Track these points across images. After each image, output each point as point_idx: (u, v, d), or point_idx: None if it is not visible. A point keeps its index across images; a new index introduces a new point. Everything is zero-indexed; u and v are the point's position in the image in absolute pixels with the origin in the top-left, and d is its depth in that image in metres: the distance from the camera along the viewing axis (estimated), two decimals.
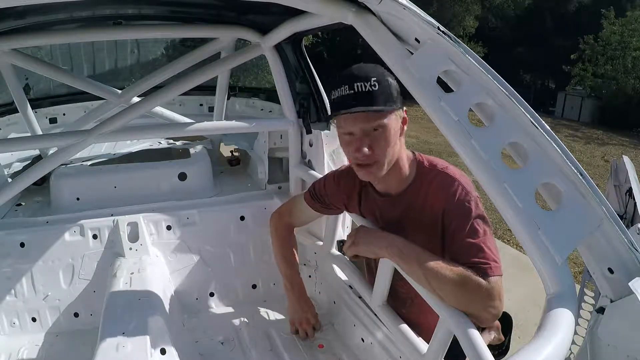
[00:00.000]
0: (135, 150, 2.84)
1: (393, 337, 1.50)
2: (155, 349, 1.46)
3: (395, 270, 1.40)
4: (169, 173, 2.45)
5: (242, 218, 2.30)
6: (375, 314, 1.60)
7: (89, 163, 2.57)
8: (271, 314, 2.10)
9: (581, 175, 1.06)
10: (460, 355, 1.13)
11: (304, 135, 2.31)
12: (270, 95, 3.34)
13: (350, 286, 1.84)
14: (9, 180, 2.35)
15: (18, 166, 2.60)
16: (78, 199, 2.29)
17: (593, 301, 1.25)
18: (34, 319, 1.97)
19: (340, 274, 1.92)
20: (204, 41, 2.51)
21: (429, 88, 1.12)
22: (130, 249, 2.08)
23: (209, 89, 2.97)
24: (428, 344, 1.30)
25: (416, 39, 1.17)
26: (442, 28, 1.09)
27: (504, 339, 1.53)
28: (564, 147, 1.08)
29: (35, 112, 2.64)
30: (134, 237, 2.10)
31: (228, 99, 2.85)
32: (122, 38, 3.28)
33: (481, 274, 1.18)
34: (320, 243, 2.08)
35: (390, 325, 1.49)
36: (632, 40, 19.06)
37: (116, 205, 2.22)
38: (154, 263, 2.05)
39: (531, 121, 1.07)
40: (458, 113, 1.09)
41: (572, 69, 20.17)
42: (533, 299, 3.75)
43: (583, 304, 1.29)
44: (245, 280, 2.26)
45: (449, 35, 1.09)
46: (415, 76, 1.13)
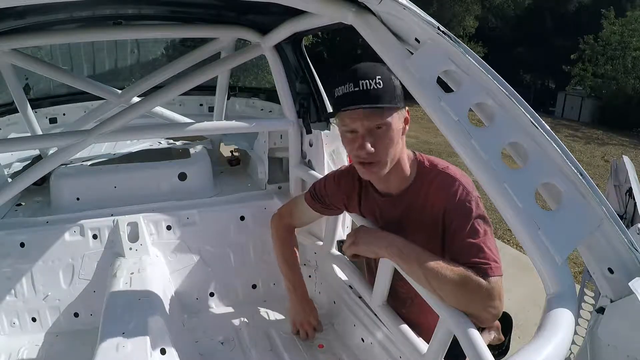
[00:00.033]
0: (135, 150, 2.84)
1: (393, 337, 1.50)
2: (155, 349, 1.46)
3: (395, 270, 1.40)
4: (169, 173, 2.45)
5: (242, 218, 2.30)
6: (375, 314, 1.60)
7: (89, 163, 2.57)
8: (271, 314, 2.10)
9: (581, 175, 1.06)
10: (460, 355, 1.13)
11: (304, 135, 2.31)
12: (270, 95, 3.34)
13: (350, 286, 1.84)
14: (9, 180, 2.35)
15: (18, 166, 2.60)
16: (78, 199, 2.29)
17: (593, 301, 1.25)
18: (34, 319, 1.97)
19: (340, 274, 1.92)
20: (204, 41, 2.51)
21: (429, 88, 1.12)
22: (130, 249, 2.08)
23: (209, 89, 2.97)
24: (428, 344, 1.30)
25: (416, 39, 1.17)
26: (442, 28, 1.09)
27: (504, 339, 1.53)
28: (564, 147, 1.08)
29: (35, 112, 2.64)
30: (134, 237, 2.10)
31: (228, 99, 2.85)
32: (122, 38, 3.28)
33: (481, 274, 1.18)
34: (320, 243, 2.08)
35: (390, 325, 1.49)
36: (632, 40, 19.05)
37: (116, 205, 2.22)
38: (154, 263, 2.05)
39: (531, 121, 1.07)
40: (458, 113, 1.09)
41: (572, 69, 20.16)
42: (533, 299, 3.75)
43: (583, 304, 1.29)
44: (245, 280, 2.26)
45: (449, 35, 1.09)
46: (415, 76, 1.13)
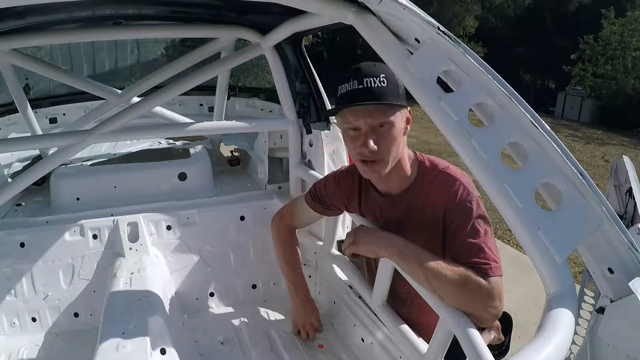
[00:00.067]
0: (135, 150, 2.84)
1: (393, 337, 1.50)
2: (155, 349, 1.46)
3: (396, 270, 1.40)
4: (169, 173, 2.45)
5: (242, 218, 2.30)
6: (375, 314, 1.59)
7: (89, 163, 2.57)
8: (271, 314, 2.10)
9: (581, 175, 1.06)
10: (460, 356, 1.13)
11: (304, 135, 2.31)
12: (270, 95, 3.34)
13: (350, 286, 1.84)
14: (9, 180, 2.35)
15: (18, 166, 2.60)
16: (78, 199, 2.29)
17: (593, 301, 1.25)
18: (34, 319, 1.97)
19: (340, 274, 1.92)
20: (204, 41, 2.51)
21: (429, 88, 1.12)
22: (130, 249, 2.08)
23: (209, 89, 2.97)
24: (428, 344, 1.30)
25: (416, 39, 1.17)
26: (442, 28, 1.09)
27: (504, 339, 1.53)
28: (564, 147, 1.08)
29: (35, 112, 2.64)
30: (134, 237, 2.10)
31: (228, 99, 2.85)
32: (122, 38, 3.28)
33: (481, 274, 1.18)
34: (320, 243, 2.08)
35: (390, 325, 1.49)
36: (632, 40, 19.04)
37: (116, 205, 2.22)
38: (154, 263, 2.05)
39: (531, 121, 1.07)
40: (458, 113, 1.09)
41: (572, 69, 20.15)
42: (533, 299, 3.75)
43: (583, 304, 1.29)
44: (245, 280, 2.26)
45: (449, 35, 1.09)
46: (415, 76, 1.13)
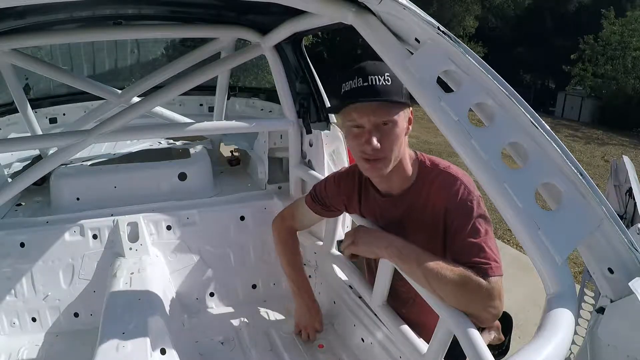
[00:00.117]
0: (135, 150, 2.84)
1: (393, 337, 1.50)
2: (155, 349, 1.46)
3: (396, 270, 1.40)
4: (169, 173, 2.45)
5: (242, 218, 2.30)
6: (375, 314, 1.59)
7: (89, 163, 2.57)
8: (271, 314, 2.10)
9: (581, 175, 1.06)
10: (460, 356, 1.13)
11: (304, 135, 2.31)
12: (270, 95, 3.34)
13: (350, 286, 1.84)
14: (9, 180, 2.35)
15: (18, 166, 2.60)
16: (78, 199, 2.29)
17: (593, 301, 1.24)
18: (34, 319, 1.97)
19: (340, 274, 1.92)
20: (204, 41, 2.51)
21: (429, 88, 1.12)
22: (130, 249, 2.08)
23: (209, 89, 2.96)
24: (428, 344, 1.30)
25: (416, 39, 1.17)
26: (442, 28, 1.09)
27: (504, 339, 1.53)
28: (564, 147, 1.08)
29: (35, 112, 2.64)
30: (134, 237, 2.10)
31: (228, 99, 2.85)
32: (122, 38, 3.28)
33: (482, 274, 1.18)
34: (320, 243, 2.08)
35: (390, 325, 1.49)
36: (632, 40, 19.05)
37: (116, 205, 2.22)
38: (154, 263, 2.05)
39: (531, 121, 1.07)
40: (458, 113, 1.09)
41: (572, 69, 20.16)
42: (533, 299, 3.75)
43: (583, 304, 1.29)
44: (245, 280, 2.26)
45: (449, 35, 1.09)
46: (415, 76, 1.13)
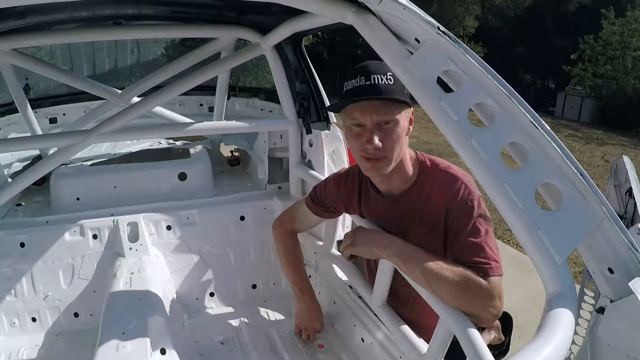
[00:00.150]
0: (135, 150, 2.84)
1: (393, 337, 1.50)
2: (155, 349, 1.46)
3: (396, 270, 1.40)
4: (169, 173, 2.45)
5: (242, 218, 2.30)
6: (375, 314, 1.59)
7: (89, 163, 2.57)
8: (271, 314, 2.10)
9: (581, 175, 1.06)
10: (460, 356, 1.13)
11: (304, 135, 2.31)
12: (270, 95, 3.34)
13: (350, 286, 1.84)
14: (9, 180, 2.35)
15: (18, 166, 2.61)
16: (78, 199, 2.29)
17: (593, 301, 1.25)
18: (34, 319, 1.97)
19: (340, 274, 1.92)
20: (204, 41, 2.51)
21: (429, 88, 1.12)
22: (130, 249, 2.08)
23: (209, 89, 2.97)
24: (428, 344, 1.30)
25: (416, 39, 1.17)
26: (442, 28, 1.09)
27: (504, 338, 1.53)
28: (564, 147, 1.08)
29: (35, 112, 2.64)
30: (134, 237, 2.10)
31: (228, 99, 2.85)
32: (122, 38, 3.27)
33: (482, 273, 1.18)
34: (320, 243, 2.08)
35: (390, 325, 1.49)
36: (632, 40, 19.04)
37: (116, 205, 2.22)
38: (154, 263, 2.05)
39: (531, 121, 1.07)
40: (458, 113, 1.09)
41: (572, 69, 20.16)
42: (533, 299, 3.75)
43: (583, 304, 1.29)
44: (245, 280, 2.26)
45: (449, 35, 1.09)
46: (415, 76, 1.13)
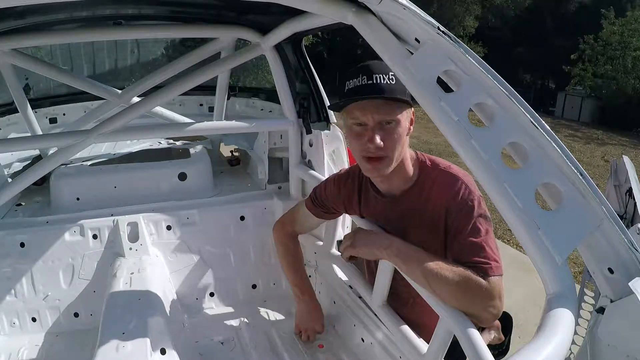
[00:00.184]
0: (135, 150, 2.84)
1: (393, 337, 1.50)
2: (155, 349, 1.46)
3: (396, 270, 1.40)
4: (169, 173, 2.45)
5: (242, 218, 2.30)
6: (375, 314, 1.59)
7: (89, 163, 2.58)
8: (271, 314, 2.10)
9: (581, 175, 1.06)
10: (460, 356, 1.13)
11: (304, 135, 2.31)
12: (270, 95, 3.34)
13: (350, 286, 1.84)
14: (9, 180, 2.35)
15: (18, 166, 2.61)
16: (78, 199, 2.29)
17: (593, 301, 1.24)
18: (34, 319, 1.97)
19: (340, 274, 1.92)
20: (204, 41, 2.51)
21: (429, 88, 1.12)
22: (130, 249, 2.08)
23: (209, 89, 2.97)
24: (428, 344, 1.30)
25: (416, 39, 1.17)
26: (442, 28, 1.09)
27: (504, 338, 1.53)
28: (564, 147, 1.08)
29: (35, 112, 2.64)
30: (134, 237, 2.10)
31: (228, 99, 2.85)
32: (122, 38, 3.27)
33: (482, 273, 1.18)
34: (320, 243, 2.08)
35: (390, 326, 1.49)
36: (632, 40, 19.05)
37: (116, 205, 2.22)
38: (154, 263, 2.05)
39: (531, 121, 1.07)
40: (458, 113, 1.09)
41: (572, 69, 20.17)
42: (533, 299, 3.75)
43: (583, 304, 1.29)
44: (245, 280, 2.26)
45: (449, 35, 1.09)
46: (416, 76, 1.13)
